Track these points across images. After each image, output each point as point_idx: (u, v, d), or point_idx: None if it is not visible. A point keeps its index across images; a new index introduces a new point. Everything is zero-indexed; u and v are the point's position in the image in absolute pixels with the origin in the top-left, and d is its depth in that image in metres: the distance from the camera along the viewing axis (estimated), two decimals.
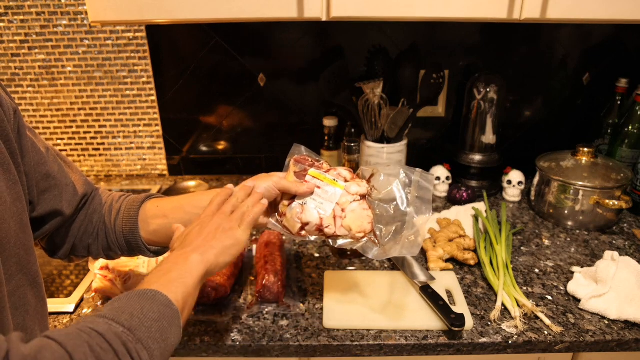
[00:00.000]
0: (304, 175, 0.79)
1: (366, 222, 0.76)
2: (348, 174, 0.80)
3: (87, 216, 0.76)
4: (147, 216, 0.77)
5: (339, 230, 0.76)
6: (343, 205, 0.77)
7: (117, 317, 0.49)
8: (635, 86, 1.26)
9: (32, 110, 1.40)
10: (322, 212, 0.76)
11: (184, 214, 0.76)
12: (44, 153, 0.67)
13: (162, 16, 0.95)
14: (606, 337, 0.84)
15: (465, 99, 1.33)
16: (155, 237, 0.77)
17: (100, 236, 0.77)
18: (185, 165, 1.50)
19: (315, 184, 0.78)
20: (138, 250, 0.78)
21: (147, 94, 1.39)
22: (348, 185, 0.78)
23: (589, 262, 1.04)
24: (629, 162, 1.28)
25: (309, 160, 0.82)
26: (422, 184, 0.80)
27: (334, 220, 0.76)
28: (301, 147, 0.84)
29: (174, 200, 0.79)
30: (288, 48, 1.34)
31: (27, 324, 0.59)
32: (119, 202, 0.79)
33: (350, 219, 0.76)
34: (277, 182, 0.76)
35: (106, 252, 0.78)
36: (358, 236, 0.76)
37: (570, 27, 1.32)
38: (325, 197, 0.77)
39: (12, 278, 0.56)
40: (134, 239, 0.76)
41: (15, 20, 1.29)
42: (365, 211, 0.77)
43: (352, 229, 0.76)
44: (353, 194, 0.77)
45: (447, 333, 0.85)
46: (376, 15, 0.95)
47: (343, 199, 0.77)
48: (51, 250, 0.77)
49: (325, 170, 0.80)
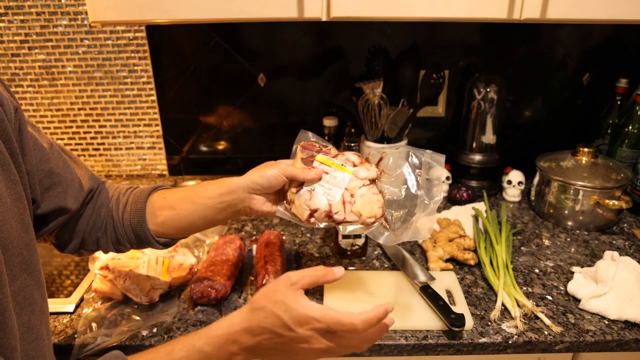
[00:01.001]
0: (311, 161, 0.78)
1: (376, 206, 0.75)
2: (357, 159, 0.79)
3: (94, 210, 0.76)
4: (155, 208, 0.77)
5: (348, 216, 0.75)
6: (352, 191, 0.76)
7: None
8: (635, 86, 1.26)
9: (32, 110, 1.40)
10: (331, 198, 0.75)
11: (191, 205, 0.76)
12: (47, 149, 0.67)
13: (162, 16, 0.95)
14: (606, 337, 0.84)
15: (465, 99, 1.33)
16: (163, 229, 0.77)
17: (108, 230, 0.77)
18: (185, 165, 1.50)
19: (323, 170, 0.77)
20: (147, 243, 0.78)
21: (147, 94, 1.39)
22: (357, 169, 0.77)
23: (589, 262, 1.04)
24: (629, 162, 1.28)
25: (316, 146, 0.80)
26: (432, 164, 0.78)
27: (344, 205, 0.75)
28: (308, 132, 0.83)
29: (181, 191, 0.79)
30: (288, 48, 1.34)
31: (32, 323, 0.59)
32: (125, 195, 0.79)
33: (360, 203, 0.75)
34: (284, 170, 0.75)
35: (115, 245, 0.78)
36: (368, 221, 0.75)
37: (570, 27, 1.32)
38: (334, 182, 0.76)
39: (17, 278, 0.56)
40: (142, 232, 0.76)
41: (15, 20, 1.29)
42: (375, 195, 0.76)
43: (362, 214, 0.75)
44: (362, 178, 0.76)
45: (447, 333, 0.85)
46: (376, 15, 0.95)
47: (352, 183, 0.76)
48: (61, 245, 0.77)
49: (333, 156, 0.79)
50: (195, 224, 0.78)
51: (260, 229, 1.20)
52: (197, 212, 0.76)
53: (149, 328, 0.86)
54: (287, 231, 1.18)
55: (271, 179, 0.75)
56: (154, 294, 0.90)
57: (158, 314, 0.89)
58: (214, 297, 0.90)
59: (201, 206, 0.75)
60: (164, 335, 0.85)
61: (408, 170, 0.79)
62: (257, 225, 1.22)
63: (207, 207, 0.75)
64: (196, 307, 0.91)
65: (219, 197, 0.75)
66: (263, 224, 1.23)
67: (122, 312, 0.90)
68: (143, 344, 0.83)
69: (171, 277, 0.94)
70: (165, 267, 0.95)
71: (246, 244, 1.11)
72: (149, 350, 0.65)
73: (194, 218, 0.76)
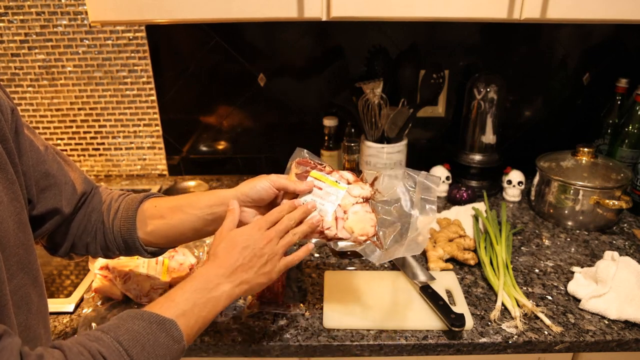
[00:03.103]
0: (305, 176, 0.77)
1: (369, 224, 0.75)
2: (351, 177, 0.78)
3: (86, 215, 0.76)
4: (145, 216, 0.76)
5: (340, 232, 0.74)
6: (345, 207, 0.75)
7: (130, 349, 0.54)
8: (635, 86, 1.26)
9: (32, 110, 1.40)
10: (323, 214, 0.75)
11: (182, 215, 0.75)
12: (43, 152, 0.67)
13: (162, 16, 0.95)
14: (606, 337, 0.84)
15: (465, 99, 1.33)
16: (153, 238, 0.77)
17: (98, 235, 0.76)
18: (185, 165, 1.50)
19: (314, 184, 0.76)
20: (135, 251, 0.77)
21: (147, 94, 1.39)
22: (350, 187, 0.77)
23: (589, 262, 1.04)
24: (629, 162, 1.28)
25: (311, 163, 0.80)
26: (427, 184, 0.78)
27: (336, 221, 0.74)
28: (303, 150, 0.82)
29: (172, 200, 0.79)
30: (288, 48, 1.34)
31: (29, 322, 0.59)
32: (117, 202, 0.78)
33: (353, 220, 0.74)
34: (274, 181, 0.75)
35: (104, 251, 0.78)
36: (360, 239, 0.74)
37: (570, 27, 1.32)
38: (327, 198, 0.75)
39: (14, 277, 0.56)
40: (131, 240, 0.76)
41: (15, 20, 1.29)
42: (368, 214, 0.75)
43: (354, 231, 0.74)
44: (356, 196, 0.76)
45: (447, 333, 0.85)
46: (376, 15, 0.95)
47: (345, 200, 0.75)
48: (52, 248, 0.77)
49: (327, 172, 0.79)
50: (185, 234, 0.77)
51: None
52: (187, 222, 0.75)
53: None
54: None
55: (261, 191, 0.74)
56: (154, 294, 0.90)
57: None
58: None
59: (191, 216, 0.75)
60: None
61: (402, 190, 0.78)
62: None
63: (197, 217, 0.75)
64: None
65: (209, 208, 0.75)
66: None
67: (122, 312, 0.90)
68: None
69: (171, 277, 0.94)
70: (165, 267, 0.95)
71: None
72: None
73: (183, 228, 0.76)
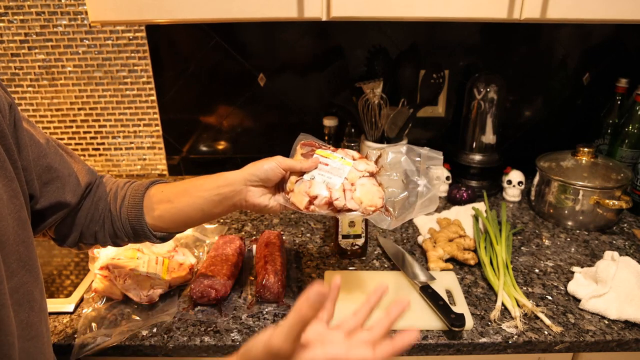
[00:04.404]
0: (311, 155, 0.79)
1: (377, 196, 0.76)
2: (356, 154, 0.81)
3: (92, 204, 0.77)
4: (152, 201, 0.77)
5: (349, 202, 0.75)
6: (352, 180, 0.77)
7: None
8: (635, 86, 1.26)
9: (32, 110, 1.40)
10: (331, 186, 0.76)
11: (189, 198, 0.76)
12: (44, 145, 0.67)
13: (162, 16, 0.95)
14: (606, 337, 0.84)
15: (465, 99, 1.33)
16: (161, 223, 0.77)
17: (106, 223, 0.77)
18: (185, 165, 1.49)
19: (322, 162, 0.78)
20: (144, 236, 0.78)
21: (147, 93, 1.39)
22: (356, 162, 0.78)
23: (589, 262, 1.04)
24: (629, 162, 1.28)
25: (315, 144, 0.82)
26: (431, 155, 0.81)
27: (344, 193, 0.75)
28: (308, 135, 0.85)
29: (179, 184, 0.79)
30: (288, 48, 1.34)
31: (31, 320, 0.59)
32: (124, 189, 0.79)
33: (361, 192, 0.76)
34: (280, 162, 0.76)
35: (113, 239, 0.78)
36: (369, 209, 0.76)
37: (570, 27, 1.32)
38: (334, 172, 0.77)
39: (14, 275, 0.56)
40: (139, 225, 0.76)
41: (15, 20, 1.29)
42: (375, 186, 0.77)
43: (362, 202, 0.75)
44: (362, 170, 0.77)
45: (447, 333, 0.85)
46: (376, 15, 0.95)
47: (352, 174, 0.77)
48: (59, 239, 0.77)
49: (332, 150, 0.81)
50: (193, 217, 0.78)
51: (260, 228, 1.20)
52: (195, 205, 0.76)
53: (148, 328, 0.86)
54: (287, 231, 1.18)
55: (268, 170, 0.76)
56: (153, 294, 0.90)
57: (158, 314, 0.89)
58: (214, 297, 0.90)
59: (198, 199, 0.76)
60: (164, 335, 0.84)
61: (407, 161, 0.81)
62: (257, 225, 1.22)
63: (204, 199, 0.76)
64: (196, 307, 0.91)
65: (216, 189, 0.76)
66: (263, 224, 1.23)
67: (122, 312, 0.90)
68: (143, 344, 0.83)
69: (171, 277, 0.94)
70: (165, 267, 0.95)
71: (246, 243, 1.11)
72: None
73: (191, 211, 0.77)
